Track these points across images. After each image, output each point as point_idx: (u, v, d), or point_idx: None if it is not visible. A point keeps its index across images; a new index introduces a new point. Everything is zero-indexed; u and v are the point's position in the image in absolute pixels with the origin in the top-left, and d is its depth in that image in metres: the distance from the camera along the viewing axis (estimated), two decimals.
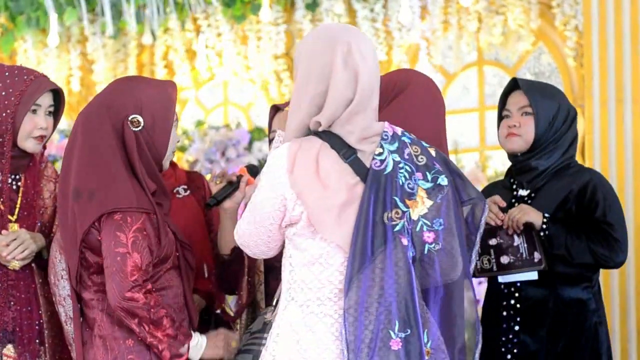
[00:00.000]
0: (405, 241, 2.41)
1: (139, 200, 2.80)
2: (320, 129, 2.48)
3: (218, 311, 3.47)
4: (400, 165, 2.45)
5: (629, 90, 4.78)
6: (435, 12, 6.28)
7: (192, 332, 2.89)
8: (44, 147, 3.18)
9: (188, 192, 3.46)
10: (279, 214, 2.48)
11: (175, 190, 3.43)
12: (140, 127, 2.85)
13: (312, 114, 2.48)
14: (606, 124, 4.79)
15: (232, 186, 3.09)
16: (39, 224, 3.14)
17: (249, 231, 2.55)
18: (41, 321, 3.11)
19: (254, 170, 3.20)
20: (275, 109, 3.29)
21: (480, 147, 6.37)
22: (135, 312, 2.75)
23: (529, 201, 3.31)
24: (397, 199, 2.42)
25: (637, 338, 4.71)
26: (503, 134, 3.40)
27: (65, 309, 2.96)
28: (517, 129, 3.33)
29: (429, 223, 2.44)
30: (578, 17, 5.78)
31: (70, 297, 2.93)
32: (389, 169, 2.43)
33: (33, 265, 3.12)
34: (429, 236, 2.44)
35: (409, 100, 2.83)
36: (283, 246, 2.58)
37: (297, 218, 2.46)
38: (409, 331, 2.38)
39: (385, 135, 2.47)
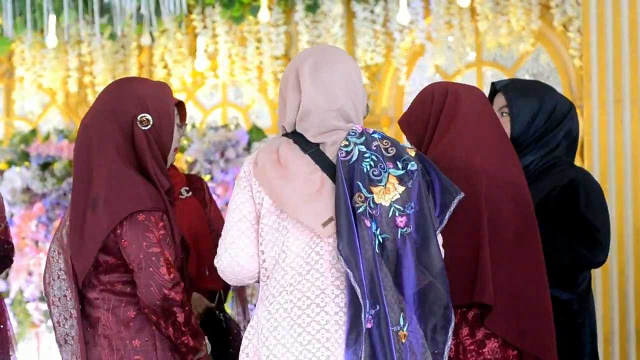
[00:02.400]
0: (367, 223, 2.53)
1: (152, 200, 2.79)
2: (286, 132, 2.70)
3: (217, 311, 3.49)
4: (366, 154, 2.59)
5: (627, 90, 4.78)
6: (436, 14, 6.29)
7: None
8: None
9: (190, 193, 3.49)
10: (248, 206, 2.64)
11: (178, 191, 3.46)
12: (149, 126, 2.84)
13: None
14: (605, 124, 4.79)
15: None
16: None
17: (232, 241, 2.65)
18: None
19: None
20: None
21: None
22: (172, 310, 2.76)
23: None
24: (360, 183, 2.55)
25: (636, 339, 4.71)
26: None
27: (60, 310, 2.93)
28: None
29: (401, 208, 2.56)
30: (580, 18, 5.78)
31: (65, 298, 2.90)
32: (354, 158, 2.58)
33: None
34: (401, 221, 2.56)
35: (464, 127, 2.94)
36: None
37: (260, 206, 2.62)
38: (377, 307, 2.49)
39: (353, 131, 2.63)
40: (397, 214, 2.55)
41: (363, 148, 2.59)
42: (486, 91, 3.25)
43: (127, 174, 2.79)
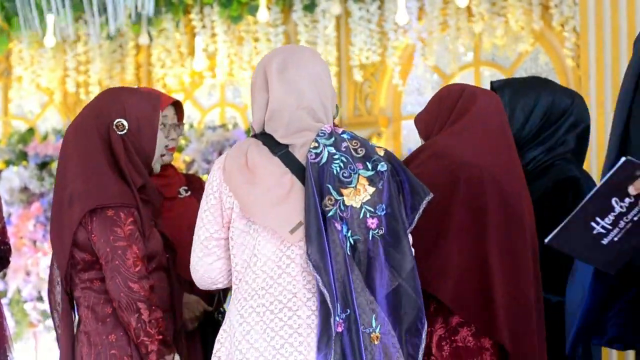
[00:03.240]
0: (338, 226, 2.52)
1: (122, 196, 2.89)
2: (255, 134, 2.70)
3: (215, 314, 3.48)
4: (336, 156, 2.58)
5: None
6: (433, 14, 6.28)
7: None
8: None
9: (189, 193, 3.50)
10: (215, 224, 2.65)
11: (177, 191, 3.47)
12: (125, 131, 2.95)
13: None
14: (603, 124, 4.79)
15: None
16: None
17: (196, 245, 2.69)
18: None
19: None
20: None
21: None
22: (137, 305, 2.82)
23: None
24: (330, 186, 2.55)
25: None
26: None
27: (59, 314, 3.02)
28: None
29: (372, 209, 2.56)
30: (576, 18, 5.78)
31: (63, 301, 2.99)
32: (324, 160, 2.57)
33: None
34: (372, 222, 2.56)
35: (474, 127, 2.94)
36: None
37: (230, 210, 2.61)
38: (348, 311, 2.49)
39: (322, 132, 2.62)
40: (368, 215, 2.55)
41: (332, 149, 2.58)
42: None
43: (99, 171, 2.91)
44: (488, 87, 3.41)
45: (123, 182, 2.92)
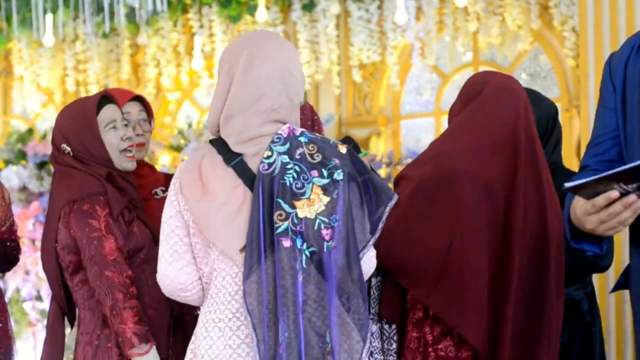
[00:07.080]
0: (287, 243, 2.43)
1: (92, 186, 3.03)
2: (212, 139, 2.60)
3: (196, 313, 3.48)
4: (289, 166, 2.48)
5: None
6: (430, 13, 6.28)
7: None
8: None
9: (166, 193, 3.50)
10: (175, 221, 2.57)
11: (153, 192, 3.47)
12: (69, 151, 3.12)
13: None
14: None
15: None
16: None
17: (164, 251, 2.60)
18: None
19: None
20: None
21: None
22: (113, 292, 2.88)
23: None
24: (280, 200, 2.45)
25: (632, 339, 4.71)
26: None
27: (49, 320, 3.20)
28: None
29: (326, 220, 2.46)
30: (574, 17, 5.78)
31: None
32: (277, 171, 2.47)
33: None
34: (326, 233, 2.46)
35: (483, 102, 2.93)
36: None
37: (188, 222, 2.54)
38: (285, 334, 2.40)
39: (278, 137, 2.51)
40: (322, 226, 2.45)
41: (286, 158, 2.49)
42: None
43: (63, 172, 3.11)
44: None
45: (91, 176, 3.07)
